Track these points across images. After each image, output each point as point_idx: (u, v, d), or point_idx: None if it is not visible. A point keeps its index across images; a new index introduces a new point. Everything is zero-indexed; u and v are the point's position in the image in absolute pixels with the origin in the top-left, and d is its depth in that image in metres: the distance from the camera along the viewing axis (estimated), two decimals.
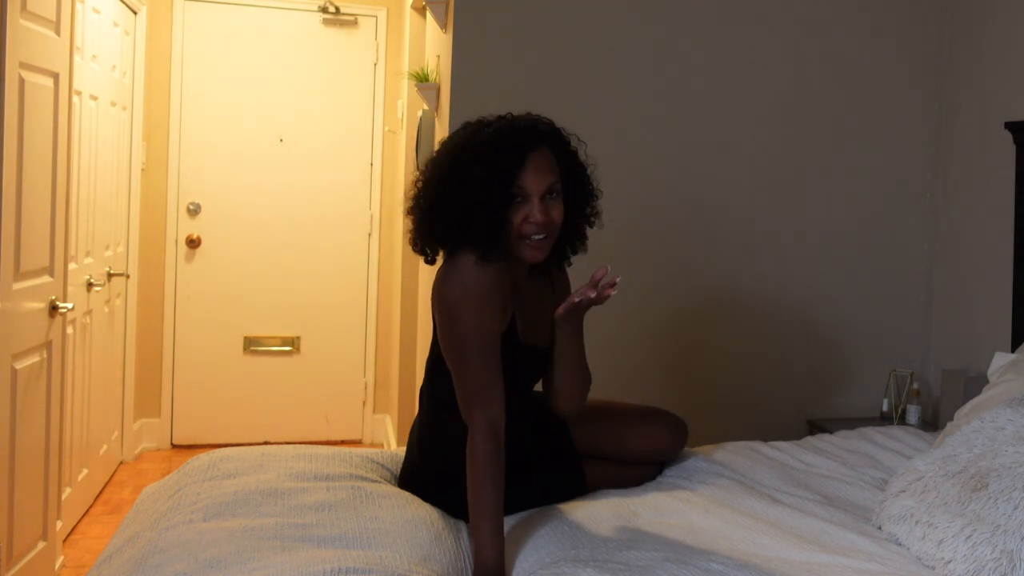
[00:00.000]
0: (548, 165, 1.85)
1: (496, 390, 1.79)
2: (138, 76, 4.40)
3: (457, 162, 1.85)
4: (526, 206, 1.82)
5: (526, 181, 1.82)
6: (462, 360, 1.81)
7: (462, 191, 1.82)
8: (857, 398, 3.44)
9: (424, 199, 1.89)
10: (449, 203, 1.83)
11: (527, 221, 1.82)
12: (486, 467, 1.72)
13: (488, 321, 1.80)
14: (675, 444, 2.23)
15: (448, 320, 1.82)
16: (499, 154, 1.81)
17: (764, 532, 1.84)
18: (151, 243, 4.56)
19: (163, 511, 1.83)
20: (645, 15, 3.20)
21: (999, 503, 1.74)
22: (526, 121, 1.90)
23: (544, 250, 1.87)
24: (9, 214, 2.53)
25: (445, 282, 1.83)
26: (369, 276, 4.89)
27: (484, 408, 1.77)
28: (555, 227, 1.86)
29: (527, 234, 1.83)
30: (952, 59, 3.40)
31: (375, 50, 4.82)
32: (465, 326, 1.79)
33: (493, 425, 1.76)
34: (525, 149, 1.83)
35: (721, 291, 3.33)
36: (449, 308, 1.82)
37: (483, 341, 1.79)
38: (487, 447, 1.73)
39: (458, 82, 3.09)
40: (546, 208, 1.84)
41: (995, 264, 3.12)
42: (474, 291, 1.79)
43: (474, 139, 1.86)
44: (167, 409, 4.68)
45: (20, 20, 2.55)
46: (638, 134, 3.22)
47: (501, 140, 1.83)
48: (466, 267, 1.80)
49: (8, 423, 2.58)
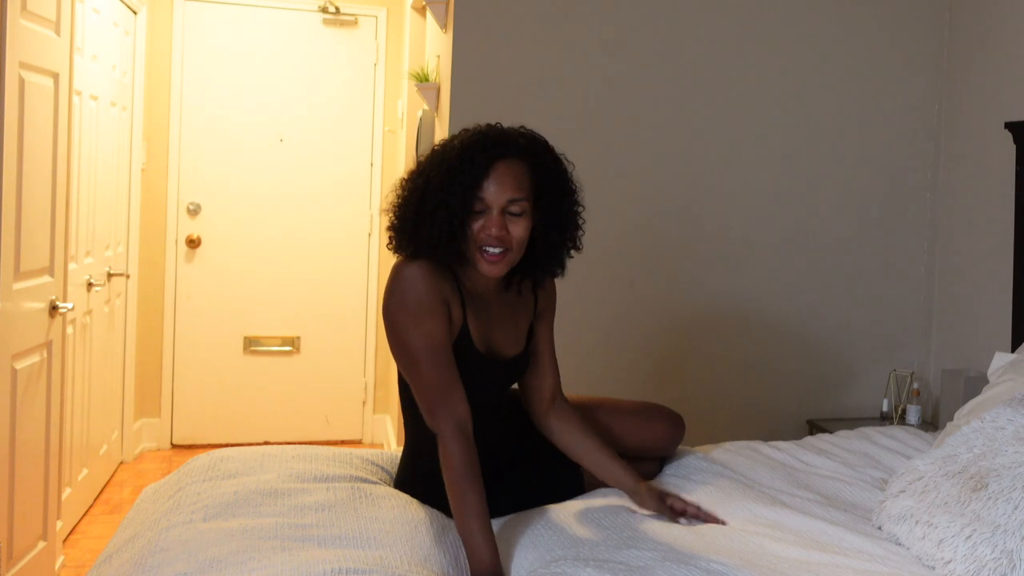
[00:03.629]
0: (515, 179, 1.78)
1: (455, 393, 1.78)
2: (138, 76, 4.40)
3: (425, 166, 1.85)
4: (485, 217, 1.78)
5: (486, 191, 1.77)
6: (416, 370, 1.80)
7: (423, 195, 1.80)
8: (857, 398, 3.44)
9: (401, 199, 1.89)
10: (411, 205, 1.83)
11: (483, 232, 1.78)
12: (463, 468, 1.71)
13: (431, 328, 1.78)
14: (672, 437, 2.23)
15: (393, 333, 1.82)
16: (462, 161, 1.78)
17: (764, 532, 1.84)
18: (151, 243, 4.56)
19: (163, 511, 1.82)
20: (645, 16, 3.20)
21: (999, 503, 1.74)
22: (505, 132, 1.84)
23: (500, 266, 1.80)
24: (9, 214, 2.53)
25: (387, 296, 1.83)
26: (369, 276, 4.89)
27: (447, 414, 1.76)
28: (514, 244, 1.79)
29: (482, 244, 1.79)
30: (952, 59, 3.40)
31: (375, 50, 4.82)
32: (409, 335, 1.79)
33: (460, 428, 1.75)
34: (491, 159, 1.77)
35: (721, 291, 3.33)
36: (391, 320, 1.82)
37: (431, 349, 1.78)
38: (459, 449, 1.73)
39: (458, 82, 3.09)
40: (505, 223, 1.78)
41: (995, 264, 3.12)
42: (411, 300, 1.78)
43: (449, 143, 1.84)
44: (167, 409, 4.68)
45: (20, 20, 2.55)
46: (638, 134, 3.22)
47: (468, 147, 1.79)
48: (402, 277, 1.80)
49: (8, 423, 2.58)
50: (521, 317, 2.01)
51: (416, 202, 1.82)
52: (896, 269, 3.45)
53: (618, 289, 3.21)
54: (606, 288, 3.21)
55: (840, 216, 3.40)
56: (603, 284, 3.20)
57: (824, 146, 3.38)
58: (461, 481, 1.71)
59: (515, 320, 1.99)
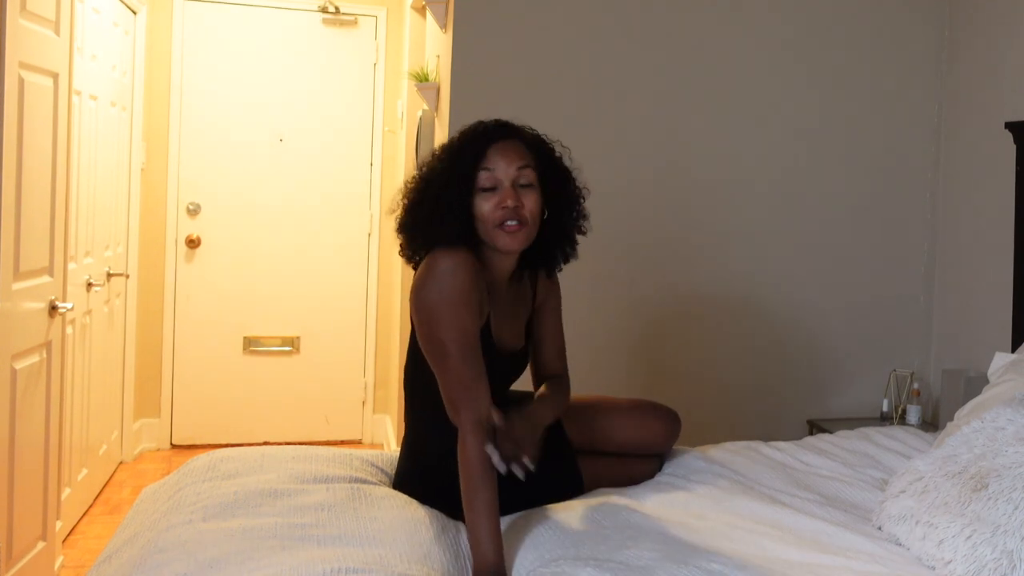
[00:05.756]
0: (517, 151, 1.86)
1: (481, 389, 1.78)
2: (138, 76, 4.40)
3: (428, 162, 1.91)
4: (497, 193, 1.83)
5: (493, 164, 1.84)
6: (445, 363, 1.80)
7: (429, 187, 1.86)
8: (857, 398, 3.44)
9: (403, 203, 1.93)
10: (420, 202, 1.87)
11: (499, 207, 1.82)
12: (479, 466, 1.71)
13: (467, 322, 1.79)
14: (669, 434, 2.24)
15: (427, 324, 1.82)
16: (462, 145, 1.86)
17: (764, 532, 1.84)
18: (151, 243, 4.56)
19: (163, 511, 1.82)
20: (645, 16, 3.21)
21: (999, 503, 1.74)
22: (499, 121, 1.93)
23: (520, 239, 1.85)
24: (9, 214, 2.53)
25: (422, 286, 1.83)
26: (369, 276, 4.89)
27: (471, 408, 1.76)
28: (530, 216, 1.85)
29: (500, 220, 1.83)
30: (952, 59, 3.40)
31: (375, 50, 4.82)
32: (444, 328, 1.79)
33: (482, 424, 1.75)
34: (489, 139, 1.86)
35: (721, 292, 3.33)
36: (428, 311, 1.81)
37: (464, 342, 1.78)
38: (479, 445, 1.73)
39: (458, 82, 3.09)
40: (519, 195, 1.84)
41: (995, 264, 3.12)
42: (451, 293, 1.78)
43: (450, 139, 1.92)
44: (167, 409, 4.68)
45: (20, 20, 2.54)
46: (637, 134, 3.22)
47: (467, 134, 1.89)
48: (442, 268, 1.80)
49: (8, 423, 2.58)
50: (522, 311, 2.03)
51: (422, 192, 1.87)
52: (896, 269, 3.45)
53: (617, 288, 3.21)
54: (605, 287, 3.21)
55: (840, 216, 3.40)
56: (602, 283, 3.20)
57: (824, 146, 3.38)
58: (476, 477, 1.71)
59: (518, 313, 2.02)
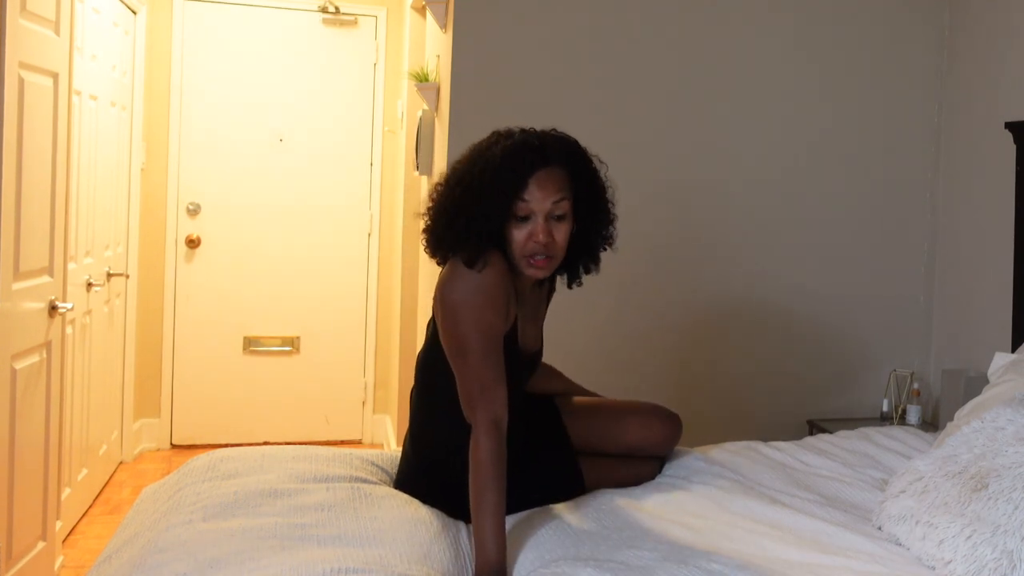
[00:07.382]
0: (556, 183, 1.84)
1: (499, 389, 1.79)
2: (138, 76, 4.40)
3: (468, 174, 1.87)
4: (530, 224, 1.83)
5: (530, 196, 1.82)
6: (465, 359, 1.80)
7: (467, 203, 1.83)
8: (857, 398, 3.44)
9: (436, 204, 1.91)
10: (455, 213, 1.85)
11: (531, 240, 1.84)
12: (489, 466, 1.72)
13: (492, 321, 1.80)
14: (670, 436, 2.24)
15: (452, 320, 1.83)
16: (504, 170, 1.82)
17: (764, 532, 1.84)
18: (151, 243, 4.56)
19: (163, 511, 1.83)
20: (645, 17, 3.20)
21: (999, 503, 1.74)
22: (541, 139, 1.89)
23: (546, 270, 1.88)
24: (9, 214, 2.53)
25: (449, 283, 1.84)
26: (369, 276, 4.89)
27: (487, 407, 1.76)
28: (558, 249, 1.87)
29: (530, 253, 1.85)
30: (952, 59, 3.40)
31: (375, 50, 4.82)
32: (468, 325, 1.80)
33: (497, 424, 1.76)
34: (532, 167, 1.83)
35: (721, 292, 3.33)
36: (453, 308, 1.82)
37: (486, 340, 1.79)
38: (490, 446, 1.73)
39: (458, 82, 3.09)
40: (550, 229, 1.84)
41: (995, 264, 3.12)
42: (478, 291, 1.80)
43: (489, 151, 1.87)
44: (167, 409, 4.68)
45: (20, 20, 2.54)
46: (637, 135, 3.22)
47: (509, 156, 1.84)
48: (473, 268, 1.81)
49: (8, 423, 2.58)
50: (540, 312, 2.06)
51: (454, 209, 1.85)
52: (896, 269, 3.45)
53: (617, 289, 3.21)
54: (605, 288, 3.20)
55: (840, 216, 3.40)
56: (602, 284, 3.18)
57: (824, 146, 3.38)
58: (485, 476, 1.71)
59: (537, 316, 2.04)
